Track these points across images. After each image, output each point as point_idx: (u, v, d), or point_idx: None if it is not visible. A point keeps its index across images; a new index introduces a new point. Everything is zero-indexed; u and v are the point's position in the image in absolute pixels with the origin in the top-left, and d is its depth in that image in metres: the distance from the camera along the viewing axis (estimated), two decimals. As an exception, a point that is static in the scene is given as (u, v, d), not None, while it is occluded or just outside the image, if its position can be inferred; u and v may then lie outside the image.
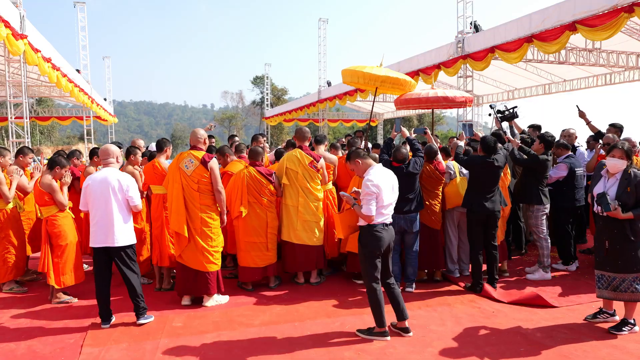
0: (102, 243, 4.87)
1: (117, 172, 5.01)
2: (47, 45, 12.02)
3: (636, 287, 4.62)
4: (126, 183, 4.94)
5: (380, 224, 4.55)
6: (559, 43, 9.67)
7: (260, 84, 53.40)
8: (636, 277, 4.62)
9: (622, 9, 8.15)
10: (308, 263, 6.30)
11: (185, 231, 5.41)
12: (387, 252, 4.68)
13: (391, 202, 4.65)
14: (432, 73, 13.45)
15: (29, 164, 6.71)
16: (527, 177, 6.49)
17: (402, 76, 7.58)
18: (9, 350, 4.44)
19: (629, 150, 4.66)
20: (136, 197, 5.01)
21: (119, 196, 4.90)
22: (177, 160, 5.56)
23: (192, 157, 5.48)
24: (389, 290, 4.73)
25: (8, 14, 9.06)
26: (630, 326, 4.72)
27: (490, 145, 5.93)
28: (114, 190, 4.88)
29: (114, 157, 5.08)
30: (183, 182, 5.46)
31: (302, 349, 4.43)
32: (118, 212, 4.89)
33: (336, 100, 21.00)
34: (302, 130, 6.56)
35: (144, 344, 4.53)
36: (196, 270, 5.49)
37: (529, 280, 6.48)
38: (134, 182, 5.10)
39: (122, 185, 4.91)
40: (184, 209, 5.43)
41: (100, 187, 4.89)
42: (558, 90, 18.41)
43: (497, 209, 5.96)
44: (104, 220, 4.86)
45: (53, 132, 48.34)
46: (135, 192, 5.01)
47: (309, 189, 6.27)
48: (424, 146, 6.50)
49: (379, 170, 4.66)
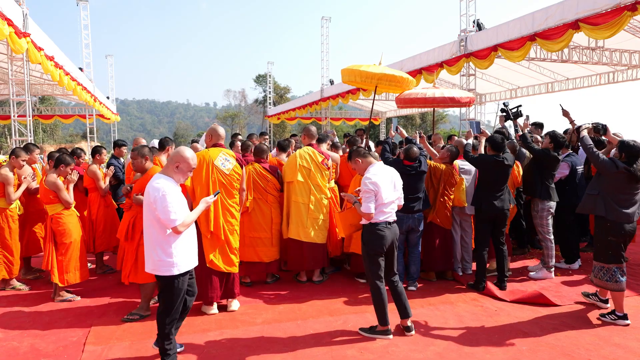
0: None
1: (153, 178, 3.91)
2: (50, 44, 12.02)
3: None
4: (153, 195, 3.75)
5: (382, 222, 4.55)
6: (562, 41, 9.64)
7: (262, 83, 53.41)
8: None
9: (625, 7, 8.12)
10: (314, 261, 6.31)
11: (222, 232, 5.14)
12: (391, 251, 4.66)
13: (392, 200, 4.64)
14: (435, 71, 13.42)
15: (36, 161, 6.73)
16: (533, 172, 6.47)
17: (399, 73, 7.54)
18: (11, 348, 4.45)
19: None
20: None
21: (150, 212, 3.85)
22: (207, 158, 5.12)
23: (228, 155, 5.25)
24: (392, 288, 4.73)
25: (11, 12, 9.06)
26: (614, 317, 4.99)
27: (499, 144, 5.93)
28: (148, 203, 3.82)
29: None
30: (220, 179, 5.14)
31: (304, 347, 4.44)
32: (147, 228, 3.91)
33: (339, 99, 20.97)
34: (310, 130, 6.59)
35: (146, 342, 4.53)
36: (227, 274, 5.29)
37: (531, 279, 6.48)
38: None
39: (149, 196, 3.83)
40: (218, 207, 5.13)
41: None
42: (561, 88, 18.35)
43: (506, 207, 5.99)
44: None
45: (56, 131, 48.49)
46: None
47: (320, 186, 6.30)
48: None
49: (379, 168, 4.66)
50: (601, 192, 5.04)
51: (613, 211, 4.93)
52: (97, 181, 6.69)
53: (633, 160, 4.89)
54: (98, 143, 24.08)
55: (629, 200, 4.95)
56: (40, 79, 18.94)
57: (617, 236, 4.94)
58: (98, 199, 6.77)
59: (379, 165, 4.71)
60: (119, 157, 7.83)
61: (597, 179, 5.15)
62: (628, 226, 4.93)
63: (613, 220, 4.93)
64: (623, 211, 4.91)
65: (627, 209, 4.93)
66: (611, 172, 4.94)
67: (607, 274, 5.00)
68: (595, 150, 5.17)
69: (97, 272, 6.90)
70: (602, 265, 5.04)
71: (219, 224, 5.12)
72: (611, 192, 4.98)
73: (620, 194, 4.96)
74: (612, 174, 4.95)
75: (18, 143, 11.36)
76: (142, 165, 5.20)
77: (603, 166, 5.02)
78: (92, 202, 6.78)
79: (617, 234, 4.94)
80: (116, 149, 7.90)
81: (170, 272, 3.77)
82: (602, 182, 5.07)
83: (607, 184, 5.01)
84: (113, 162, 7.38)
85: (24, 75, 11.74)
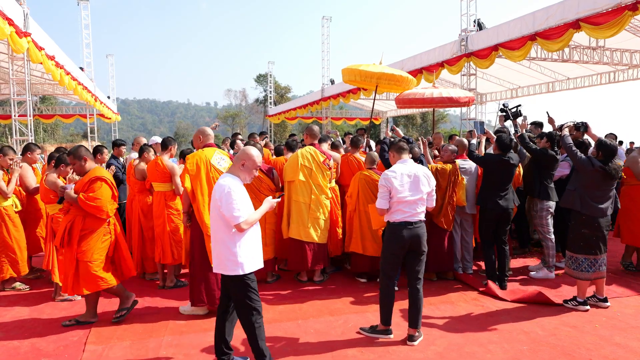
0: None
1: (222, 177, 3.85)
2: (51, 43, 12.03)
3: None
4: (219, 192, 3.71)
5: (400, 222, 4.46)
6: (561, 41, 9.65)
7: (263, 82, 53.44)
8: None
9: (626, 7, 8.13)
10: (315, 261, 6.31)
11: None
12: (413, 253, 4.54)
13: (413, 199, 4.46)
14: (436, 71, 13.42)
15: (37, 161, 6.72)
16: (532, 171, 6.48)
17: (399, 72, 7.54)
18: (12, 348, 4.46)
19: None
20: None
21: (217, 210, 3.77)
22: (204, 157, 5.06)
23: (222, 154, 5.25)
24: (410, 293, 4.57)
25: (12, 11, 9.07)
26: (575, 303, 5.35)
27: (506, 143, 5.95)
28: (214, 200, 3.76)
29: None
30: (217, 178, 4.93)
31: (305, 347, 4.44)
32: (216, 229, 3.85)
33: (339, 98, 20.98)
34: (313, 129, 6.58)
35: (147, 342, 4.54)
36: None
37: (532, 278, 6.48)
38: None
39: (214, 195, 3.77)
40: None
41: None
42: (562, 88, 18.36)
43: (510, 207, 6.03)
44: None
45: (56, 130, 48.55)
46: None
47: (321, 186, 6.29)
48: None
49: (400, 166, 4.57)
50: (578, 188, 5.33)
51: (588, 206, 5.22)
52: (98, 181, 6.68)
53: (609, 158, 5.20)
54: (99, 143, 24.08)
55: (604, 196, 5.26)
56: (41, 79, 18.95)
57: (591, 229, 5.23)
58: (99, 198, 6.76)
59: (402, 163, 4.60)
60: (118, 156, 7.83)
61: (576, 176, 5.45)
62: (602, 220, 5.24)
63: (588, 214, 5.23)
64: (598, 206, 5.22)
65: (602, 204, 5.24)
66: (587, 169, 5.23)
67: (575, 263, 5.33)
68: (574, 149, 5.41)
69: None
70: (571, 255, 5.38)
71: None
72: (587, 188, 5.27)
73: (595, 191, 5.25)
74: (589, 172, 5.23)
75: (19, 143, 11.37)
76: (82, 167, 4.94)
77: (580, 164, 5.30)
78: (93, 202, 6.78)
79: (590, 226, 5.23)
80: (115, 149, 7.90)
81: (236, 272, 3.74)
82: (579, 179, 5.35)
83: (583, 181, 5.30)
84: (113, 162, 7.38)
85: (24, 75, 11.74)
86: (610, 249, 7.90)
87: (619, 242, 7.24)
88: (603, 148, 5.23)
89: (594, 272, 5.26)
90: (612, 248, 7.98)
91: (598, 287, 5.42)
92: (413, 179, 4.50)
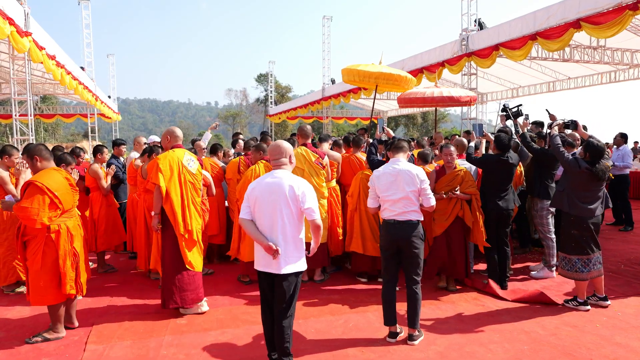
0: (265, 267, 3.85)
1: (290, 176, 3.88)
2: (52, 43, 12.03)
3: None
4: (300, 188, 3.77)
5: (387, 220, 4.55)
6: (562, 41, 9.63)
7: (264, 82, 53.48)
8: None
9: (627, 6, 8.11)
10: (315, 261, 6.29)
11: (194, 232, 5.14)
12: (403, 253, 4.53)
13: (394, 198, 4.47)
14: (436, 71, 13.41)
15: None
16: (533, 171, 6.48)
17: (396, 72, 7.53)
18: (13, 348, 4.46)
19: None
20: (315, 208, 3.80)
21: (292, 208, 3.76)
22: (176, 158, 5.10)
23: (191, 156, 5.27)
24: (407, 294, 4.56)
25: (12, 11, 9.07)
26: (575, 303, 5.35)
27: (505, 143, 5.94)
28: (286, 200, 3.75)
29: (286, 156, 3.95)
30: (188, 179, 5.13)
31: (305, 346, 4.43)
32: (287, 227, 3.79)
33: (340, 98, 20.96)
34: (304, 129, 6.55)
35: (147, 341, 4.54)
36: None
37: (533, 278, 6.47)
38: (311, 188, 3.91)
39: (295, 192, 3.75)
40: (191, 207, 5.14)
41: (269, 194, 3.79)
42: (562, 88, 18.34)
43: (510, 207, 6.01)
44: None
45: (57, 130, 48.61)
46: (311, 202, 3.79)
47: (315, 186, 6.28)
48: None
49: (386, 165, 4.66)
50: (566, 189, 5.34)
51: (576, 207, 5.23)
52: (99, 180, 6.70)
53: (597, 159, 5.16)
54: (99, 142, 24.11)
55: (592, 197, 5.25)
56: (41, 78, 18.95)
57: (580, 229, 5.24)
58: (100, 198, 6.79)
59: (391, 162, 4.65)
60: (118, 156, 7.84)
61: (564, 177, 5.46)
62: (591, 220, 5.23)
63: (576, 215, 5.24)
64: (586, 207, 5.22)
65: (590, 204, 5.23)
66: (575, 171, 5.23)
67: (569, 264, 5.33)
68: (562, 150, 5.43)
69: (98, 272, 6.90)
70: (564, 256, 5.38)
71: (192, 224, 5.11)
72: (575, 189, 5.28)
73: (583, 191, 5.25)
74: (576, 173, 5.23)
75: (20, 142, 11.37)
76: (34, 167, 4.66)
77: (568, 165, 5.30)
78: (94, 202, 6.81)
79: (579, 227, 5.23)
80: (115, 148, 7.91)
81: (305, 266, 3.88)
82: (567, 180, 5.36)
83: (571, 182, 5.32)
84: (113, 161, 7.39)
85: (25, 75, 11.73)
86: (611, 248, 7.93)
87: (619, 242, 7.23)
88: (590, 149, 5.18)
89: (589, 272, 5.25)
90: (613, 247, 8.00)
91: (597, 286, 5.40)
92: (395, 178, 4.52)
